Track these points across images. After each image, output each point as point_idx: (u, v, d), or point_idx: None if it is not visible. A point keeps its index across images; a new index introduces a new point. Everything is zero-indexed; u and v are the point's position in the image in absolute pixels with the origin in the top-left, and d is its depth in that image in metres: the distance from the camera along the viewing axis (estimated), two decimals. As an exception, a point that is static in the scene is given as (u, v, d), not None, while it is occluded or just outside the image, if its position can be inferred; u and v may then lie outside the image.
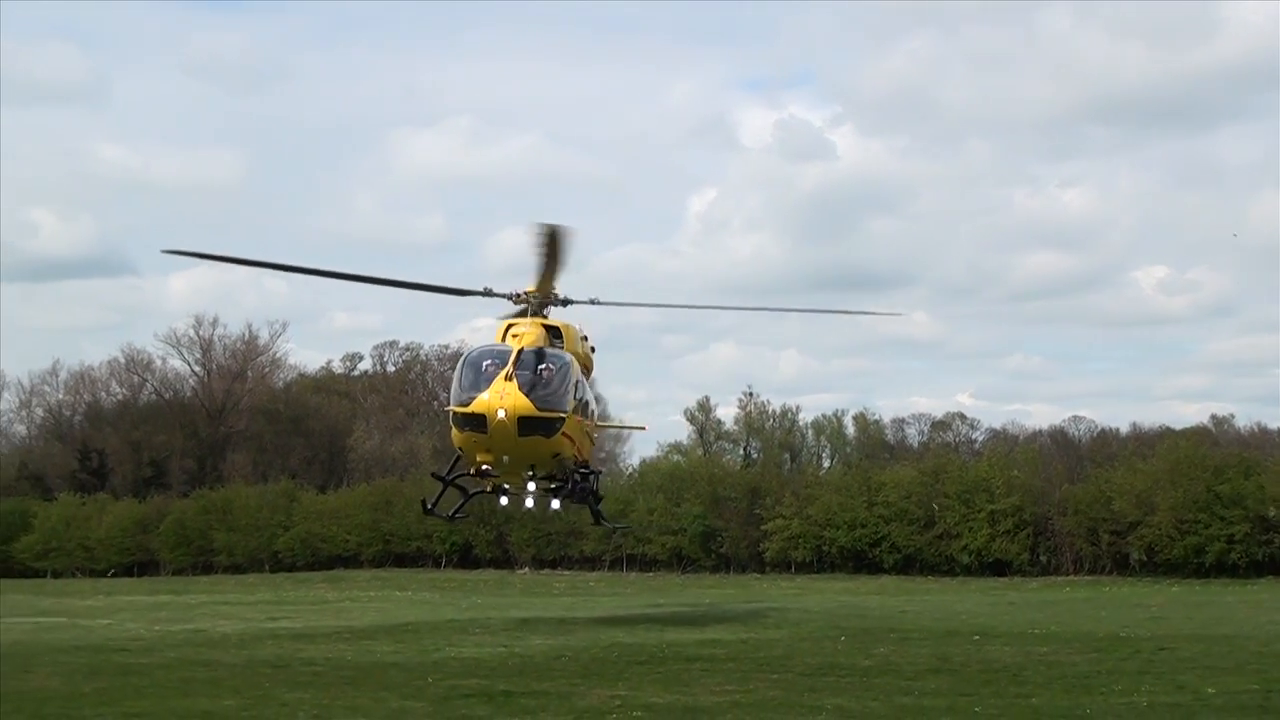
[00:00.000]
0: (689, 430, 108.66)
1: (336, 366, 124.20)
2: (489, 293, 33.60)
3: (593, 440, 35.64)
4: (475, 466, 31.56)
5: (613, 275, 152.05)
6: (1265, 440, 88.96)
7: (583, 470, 33.76)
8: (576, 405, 31.98)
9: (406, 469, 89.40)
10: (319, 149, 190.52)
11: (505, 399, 29.74)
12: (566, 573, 70.70)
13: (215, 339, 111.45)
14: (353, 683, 21.22)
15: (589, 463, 34.42)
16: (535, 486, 32.16)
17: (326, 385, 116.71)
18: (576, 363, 32.57)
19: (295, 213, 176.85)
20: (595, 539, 70.90)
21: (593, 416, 35.55)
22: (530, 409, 30.04)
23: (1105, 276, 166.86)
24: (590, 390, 35.03)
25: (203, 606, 45.99)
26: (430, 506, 34.69)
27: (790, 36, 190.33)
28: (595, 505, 36.05)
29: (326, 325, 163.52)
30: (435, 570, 73.92)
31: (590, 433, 34.61)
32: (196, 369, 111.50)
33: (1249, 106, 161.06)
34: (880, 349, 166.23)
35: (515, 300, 33.80)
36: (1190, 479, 59.14)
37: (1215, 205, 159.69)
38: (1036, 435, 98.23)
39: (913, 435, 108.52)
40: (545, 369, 31.28)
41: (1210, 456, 62.04)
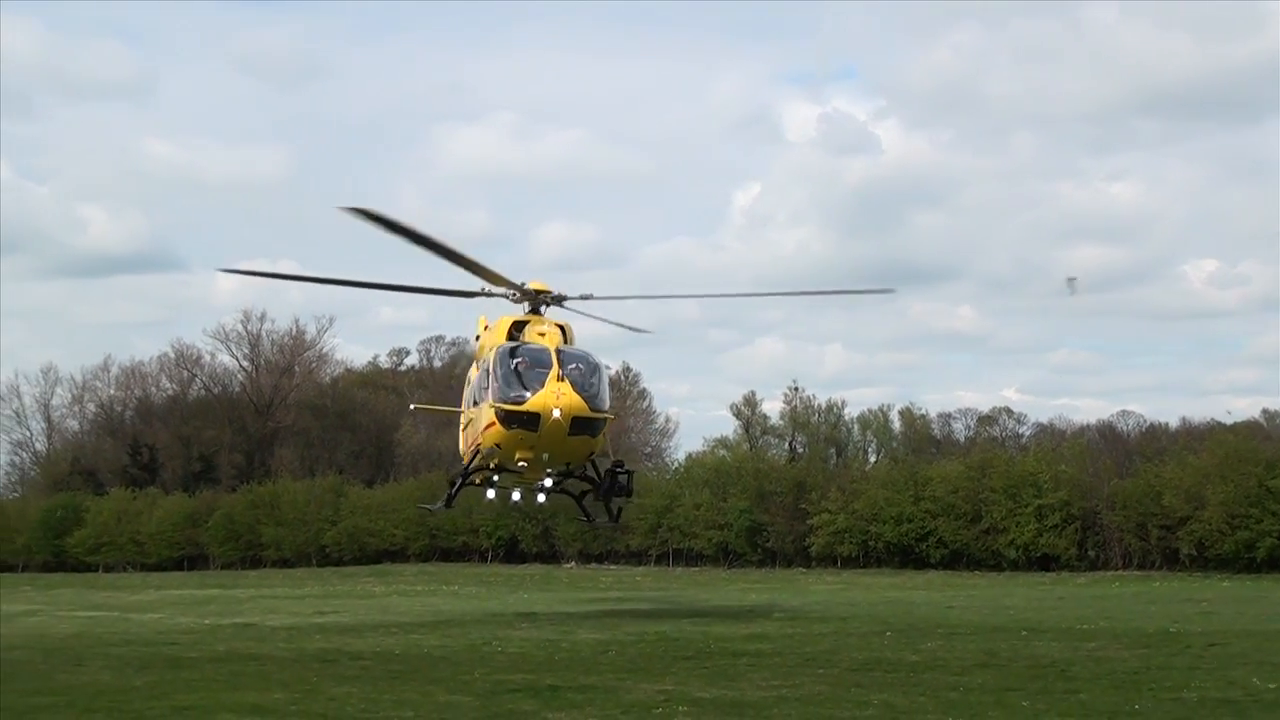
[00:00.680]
0: (734, 425, 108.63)
1: (383, 361, 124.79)
2: (487, 294, 33.78)
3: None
4: (510, 464, 31.68)
5: (656, 270, 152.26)
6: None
7: (620, 470, 33.93)
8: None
9: (453, 463, 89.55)
10: (364, 144, 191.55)
11: (561, 399, 30.04)
12: (612, 567, 70.79)
13: (263, 334, 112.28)
14: (400, 677, 21.31)
15: (623, 461, 34.53)
16: (550, 483, 32.61)
17: (373, 380, 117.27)
18: None
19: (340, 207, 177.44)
20: (641, 534, 71.02)
21: None
22: (584, 409, 30.42)
23: (1154, 270, 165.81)
24: None
25: (251, 601, 46.32)
26: (448, 503, 34.59)
27: (833, 30, 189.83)
28: (621, 505, 35.72)
29: (373, 320, 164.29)
30: (481, 565, 74.19)
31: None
32: (245, 364, 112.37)
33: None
34: (926, 343, 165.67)
35: (513, 299, 33.96)
36: (1241, 473, 58.59)
37: (1266, 199, 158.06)
38: (1084, 430, 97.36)
39: (959, 430, 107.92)
40: (590, 370, 31.60)
41: (1261, 451, 61.43)
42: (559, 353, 31.26)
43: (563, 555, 74.50)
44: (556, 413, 30.00)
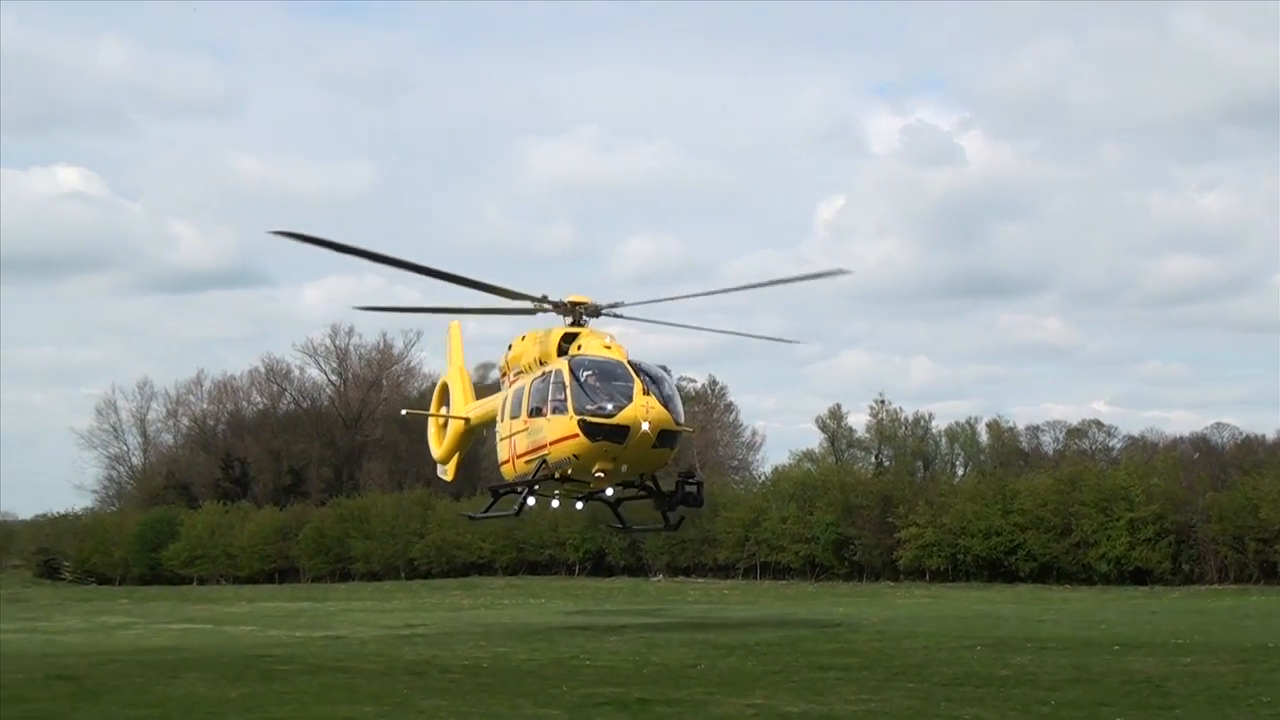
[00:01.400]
0: (820, 438, 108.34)
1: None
2: (544, 300, 34.27)
3: None
4: (583, 475, 32.08)
5: (740, 283, 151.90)
6: None
7: (690, 480, 34.16)
8: None
9: (493, 474, 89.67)
10: (447, 158, 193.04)
11: (650, 412, 30.52)
12: (700, 580, 70.72)
13: (351, 348, 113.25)
14: (489, 690, 21.41)
15: (694, 471, 34.71)
16: (611, 492, 33.46)
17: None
18: None
19: (424, 222, 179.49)
20: (728, 547, 70.89)
21: None
22: (670, 422, 30.98)
23: (1247, 280, 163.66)
24: None
25: (341, 613, 46.72)
26: (519, 512, 34.67)
27: (917, 41, 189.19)
28: (684, 514, 35.76)
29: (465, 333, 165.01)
30: (568, 578, 74.34)
31: None
32: (333, 378, 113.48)
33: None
34: (1013, 355, 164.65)
35: (561, 311, 34.40)
36: (1341, 485, 57.62)
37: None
38: (1177, 443, 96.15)
39: (1047, 443, 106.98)
40: (669, 383, 32.24)
41: (1362, 462, 60.40)
42: (635, 366, 31.67)
43: (650, 568, 74.50)
44: (645, 426, 30.43)
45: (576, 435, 31.10)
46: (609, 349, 32.62)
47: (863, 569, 68.59)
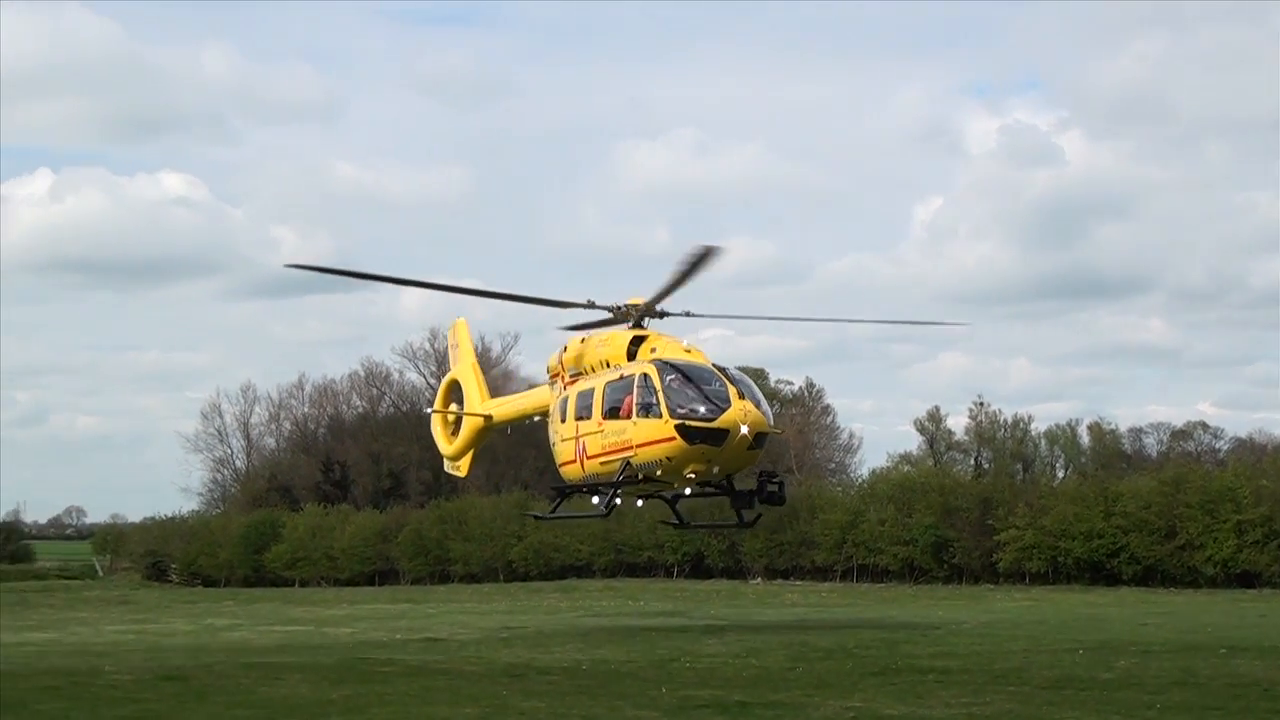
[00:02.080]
0: (918, 440, 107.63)
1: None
2: (592, 305, 34.60)
3: None
4: (674, 476, 32.30)
5: (836, 285, 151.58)
6: None
7: (772, 479, 34.23)
8: None
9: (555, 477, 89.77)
10: (544, 162, 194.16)
11: (748, 416, 30.90)
12: (799, 583, 70.45)
13: (449, 352, 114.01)
14: (587, 692, 21.50)
15: (774, 470, 34.81)
16: (690, 491, 33.92)
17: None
18: None
19: (522, 226, 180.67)
20: (826, 550, 70.57)
21: None
22: (765, 425, 31.46)
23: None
24: None
25: (441, 615, 47.09)
26: (607, 512, 34.76)
27: (1014, 40, 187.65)
28: (760, 512, 35.68)
29: (556, 336, 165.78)
30: (667, 580, 74.37)
31: None
32: (432, 381, 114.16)
33: None
34: (1114, 357, 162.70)
35: (616, 313, 34.61)
36: None
37: None
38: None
39: (1151, 445, 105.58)
40: (756, 386, 32.90)
41: None
42: (724, 369, 32.19)
43: (749, 571, 74.31)
44: (744, 429, 30.78)
45: (673, 439, 31.23)
46: (689, 352, 32.92)
47: (962, 571, 67.99)
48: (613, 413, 33.05)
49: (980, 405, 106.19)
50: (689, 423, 31.02)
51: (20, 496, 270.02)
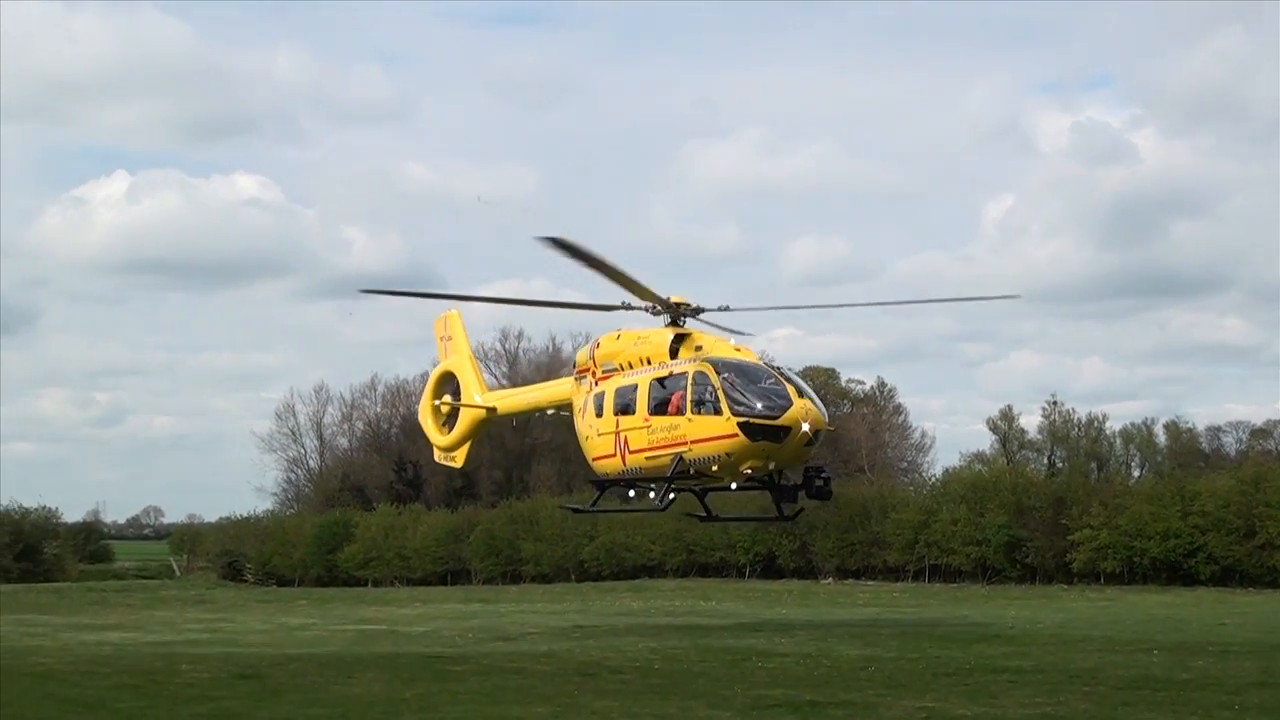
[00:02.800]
0: (991, 439, 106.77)
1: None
2: (628, 306, 34.89)
3: None
4: (731, 472, 32.36)
5: (906, 284, 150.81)
6: None
7: (820, 474, 34.05)
8: None
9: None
10: (613, 162, 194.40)
11: (809, 414, 31.25)
12: (870, 583, 70.16)
13: (520, 352, 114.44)
14: (660, 691, 21.52)
15: (823, 465, 34.62)
16: (735, 486, 33.80)
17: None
18: None
19: (590, 226, 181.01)
20: (898, 550, 70.23)
21: None
22: (823, 423, 31.77)
23: None
24: None
25: (512, 615, 47.24)
26: (663, 505, 34.69)
27: (1085, 37, 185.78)
28: (800, 508, 35.68)
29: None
30: (739, 580, 74.25)
31: None
32: (503, 381, 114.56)
33: None
34: (1190, 356, 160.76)
35: (653, 313, 34.90)
36: None
37: None
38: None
39: (1229, 444, 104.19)
40: (807, 385, 32.90)
41: None
42: (779, 368, 32.80)
43: (820, 570, 74.07)
44: (805, 426, 31.10)
45: (735, 435, 31.46)
46: (739, 351, 33.38)
47: (1035, 571, 67.41)
48: (660, 408, 33.32)
49: (1054, 404, 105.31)
50: (753, 420, 31.27)
51: (99, 497, 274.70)
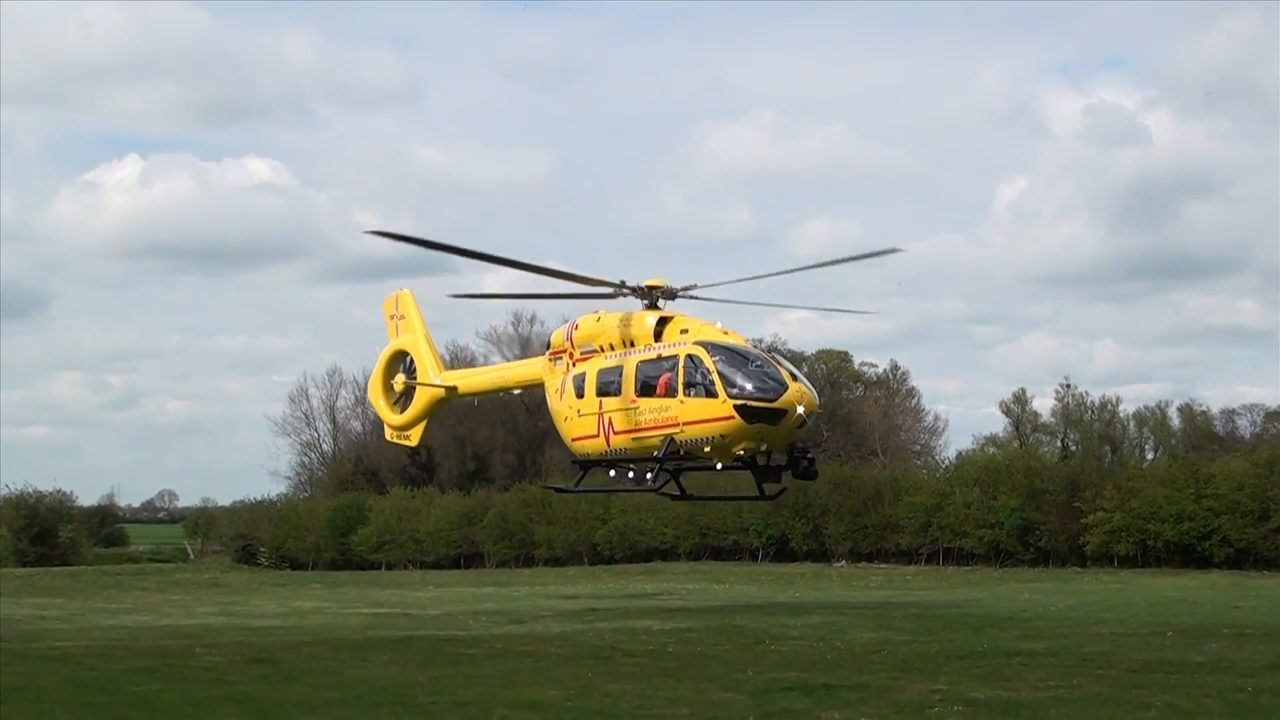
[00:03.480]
0: (1004, 422, 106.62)
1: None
2: (622, 285, 35.00)
3: None
4: (722, 454, 32.65)
5: (919, 266, 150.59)
6: None
7: (807, 455, 34.17)
8: None
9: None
10: (625, 144, 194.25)
11: (803, 397, 31.76)
12: (883, 566, 70.18)
13: (533, 336, 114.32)
14: (673, 674, 21.55)
15: (808, 447, 34.68)
16: (721, 466, 33.86)
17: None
18: None
19: (603, 208, 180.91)
20: (911, 533, 70.21)
21: None
22: (816, 407, 32.43)
23: None
24: None
25: (526, 598, 47.33)
26: (657, 487, 34.89)
27: (1098, 20, 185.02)
28: (782, 488, 35.84)
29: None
30: (752, 563, 74.31)
31: None
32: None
33: None
34: (1204, 338, 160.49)
35: (639, 295, 35.13)
36: None
37: None
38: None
39: (1244, 426, 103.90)
40: (796, 369, 33.49)
41: None
42: (771, 351, 33.65)
43: (833, 554, 74.08)
44: (800, 409, 31.55)
45: (730, 418, 31.77)
46: (727, 334, 33.56)
47: (1048, 554, 67.38)
48: (648, 390, 33.50)
49: (1067, 387, 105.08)
50: (749, 403, 31.59)
51: (114, 480, 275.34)
